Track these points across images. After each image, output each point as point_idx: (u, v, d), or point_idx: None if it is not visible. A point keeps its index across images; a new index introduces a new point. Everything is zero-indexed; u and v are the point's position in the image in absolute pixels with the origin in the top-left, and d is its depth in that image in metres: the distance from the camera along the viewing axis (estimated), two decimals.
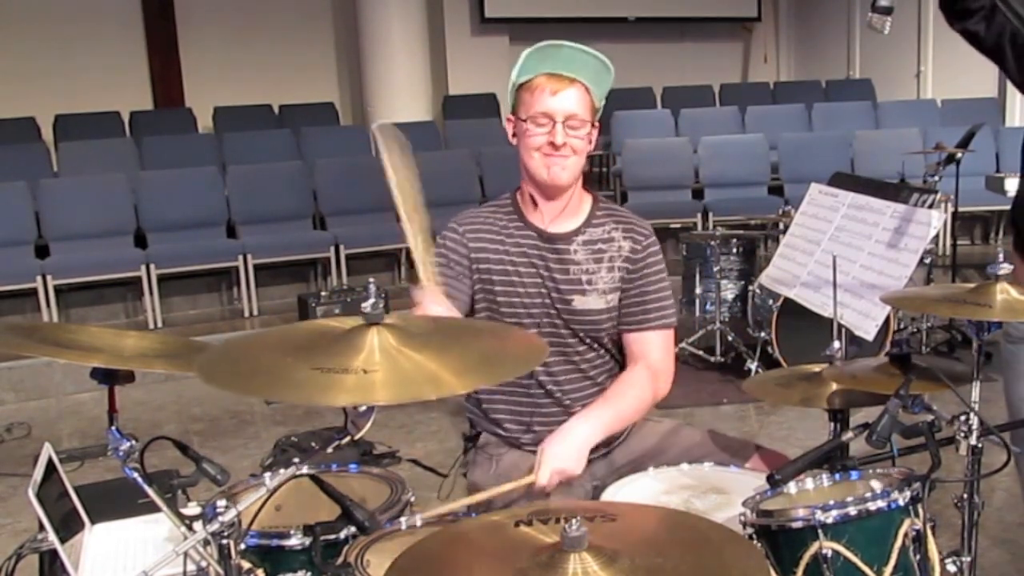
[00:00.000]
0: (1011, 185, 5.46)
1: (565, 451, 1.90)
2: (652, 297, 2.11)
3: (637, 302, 2.10)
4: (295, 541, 1.63)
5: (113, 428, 1.48)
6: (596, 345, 2.13)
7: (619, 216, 2.14)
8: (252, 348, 1.39)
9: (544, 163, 2.00)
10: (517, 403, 2.13)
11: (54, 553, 1.82)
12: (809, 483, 1.76)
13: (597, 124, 2.05)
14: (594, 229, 2.10)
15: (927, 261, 4.99)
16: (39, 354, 1.49)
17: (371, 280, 1.69)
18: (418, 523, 1.65)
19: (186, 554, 1.32)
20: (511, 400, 2.13)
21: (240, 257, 6.16)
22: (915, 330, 5.02)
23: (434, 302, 1.90)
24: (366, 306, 1.35)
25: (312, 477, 1.57)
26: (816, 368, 2.14)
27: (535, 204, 2.09)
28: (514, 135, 2.06)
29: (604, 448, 2.14)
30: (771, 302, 4.48)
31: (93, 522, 2.04)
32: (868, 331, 2.75)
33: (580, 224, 2.10)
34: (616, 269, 2.08)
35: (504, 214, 2.12)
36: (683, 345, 5.00)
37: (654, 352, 2.10)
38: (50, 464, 1.92)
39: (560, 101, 1.96)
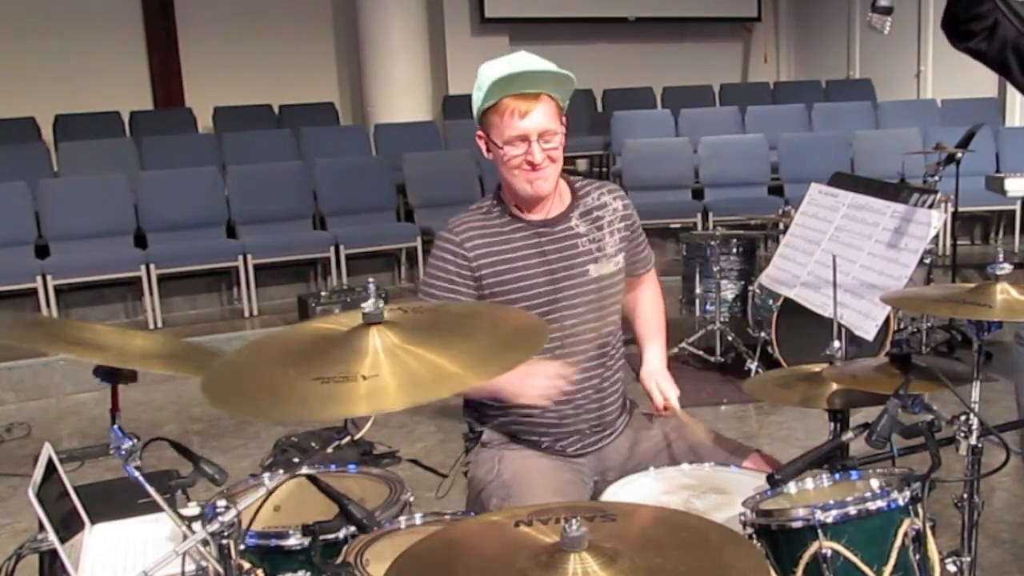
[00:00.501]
0: (1011, 185, 5.47)
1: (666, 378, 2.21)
2: (644, 243, 2.30)
3: (639, 251, 2.28)
4: (294, 541, 1.64)
5: (116, 427, 1.48)
6: (610, 314, 2.15)
7: (595, 183, 2.24)
8: (253, 362, 1.37)
9: (526, 179, 2.03)
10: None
11: (54, 553, 1.82)
12: (809, 483, 1.76)
13: (565, 120, 2.07)
14: (584, 200, 2.17)
15: (927, 261, 4.98)
16: (45, 349, 1.49)
17: (371, 280, 1.70)
18: None
19: (186, 554, 1.32)
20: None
21: (240, 257, 6.16)
22: (915, 330, 5.01)
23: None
24: (366, 306, 1.34)
25: (310, 478, 1.57)
26: (816, 368, 2.14)
27: (521, 200, 2.11)
28: (488, 151, 2.08)
29: (595, 445, 2.15)
30: (771, 302, 4.48)
31: (93, 522, 2.04)
32: (868, 331, 2.75)
33: (569, 202, 2.16)
34: (616, 231, 2.17)
35: (496, 216, 2.13)
36: (683, 345, 5.00)
37: (651, 280, 2.38)
38: (50, 464, 1.92)
39: (531, 121, 1.98)
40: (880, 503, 1.57)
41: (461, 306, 1.96)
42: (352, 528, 1.56)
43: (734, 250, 4.99)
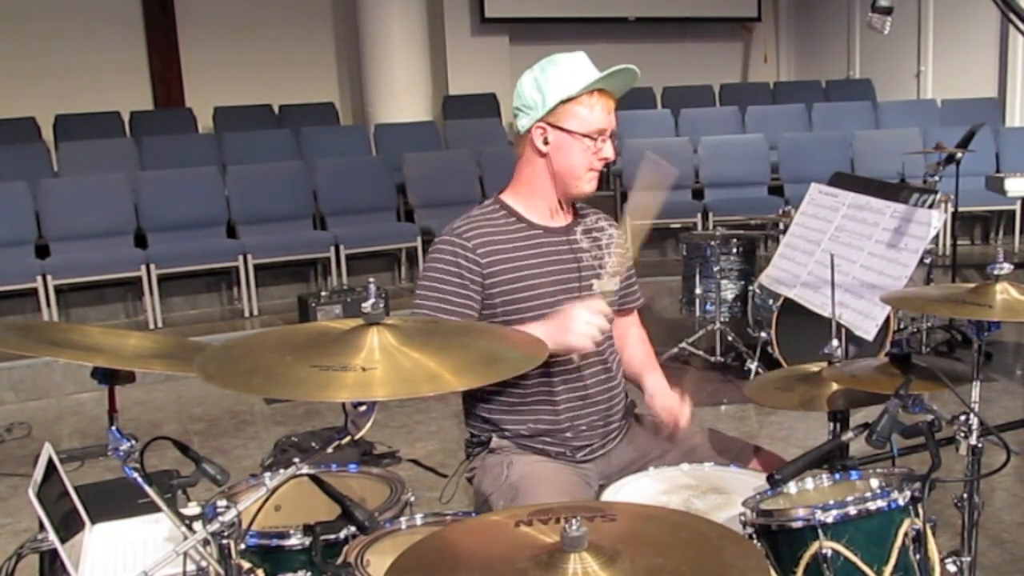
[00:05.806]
0: (1011, 185, 5.46)
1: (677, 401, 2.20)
2: (635, 277, 2.34)
3: (631, 284, 2.31)
4: (295, 541, 1.64)
5: (113, 428, 1.48)
6: (608, 330, 2.15)
7: (591, 208, 2.28)
8: (252, 347, 1.39)
9: (589, 177, 2.09)
10: (536, 405, 2.10)
11: (54, 553, 1.82)
12: (809, 483, 1.76)
13: None
14: (585, 219, 2.21)
15: (927, 261, 4.98)
16: (41, 354, 1.49)
17: (371, 280, 1.70)
18: None
19: (186, 554, 1.32)
20: (528, 403, 2.10)
21: (240, 257, 6.16)
22: (915, 330, 5.01)
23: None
24: (366, 306, 1.34)
25: (312, 477, 1.57)
26: (816, 368, 2.14)
27: (542, 205, 2.11)
28: (545, 142, 2.06)
29: (602, 449, 2.15)
30: (771, 302, 4.48)
31: (93, 522, 2.05)
32: (868, 331, 2.75)
33: (572, 216, 2.19)
34: (613, 254, 2.19)
35: (501, 218, 2.11)
36: (683, 345, 5.00)
37: (636, 322, 2.39)
38: (50, 464, 1.92)
39: (612, 119, 2.07)
40: (880, 503, 1.57)
41: (467, 322, 1.96)
42: (353, 528, 1.56)
43: (734, 250, 4.99)
